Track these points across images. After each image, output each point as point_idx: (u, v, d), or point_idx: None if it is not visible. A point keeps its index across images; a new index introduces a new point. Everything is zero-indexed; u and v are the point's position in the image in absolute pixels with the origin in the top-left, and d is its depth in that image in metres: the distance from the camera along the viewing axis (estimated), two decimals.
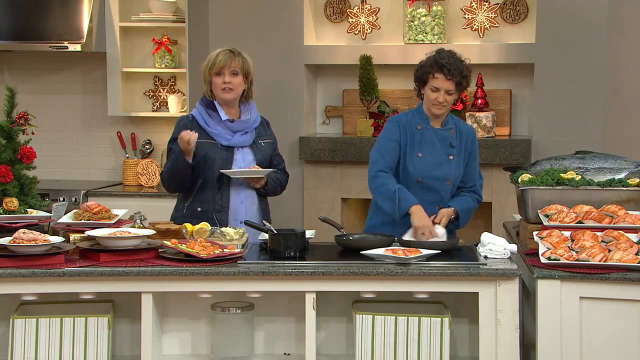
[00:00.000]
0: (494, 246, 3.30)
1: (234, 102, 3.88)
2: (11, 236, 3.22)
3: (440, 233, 3.54)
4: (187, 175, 3.78)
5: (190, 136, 3.69)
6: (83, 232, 3.39)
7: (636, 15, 5.16)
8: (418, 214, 3.56)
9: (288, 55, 5.37)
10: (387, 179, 3.68)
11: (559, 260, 3.16)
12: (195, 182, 3.82)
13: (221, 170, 3.79)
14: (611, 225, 3.40)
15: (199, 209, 3.80)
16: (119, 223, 3.52)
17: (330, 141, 5.27)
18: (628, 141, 5.04)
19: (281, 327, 3.38)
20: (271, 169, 3.90)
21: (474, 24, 5.24)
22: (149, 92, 5.67)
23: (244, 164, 3.85)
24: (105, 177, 5.69)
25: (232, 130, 3.84)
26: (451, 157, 3.74)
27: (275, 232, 3.34)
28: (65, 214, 3.63)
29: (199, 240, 3.34)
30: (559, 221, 3.42)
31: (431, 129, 3.75)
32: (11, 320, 3.16)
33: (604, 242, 3.31)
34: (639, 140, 5.09)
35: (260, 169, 3.84)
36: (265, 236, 3.42)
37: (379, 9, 5.36)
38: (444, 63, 3.62)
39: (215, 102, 3.86)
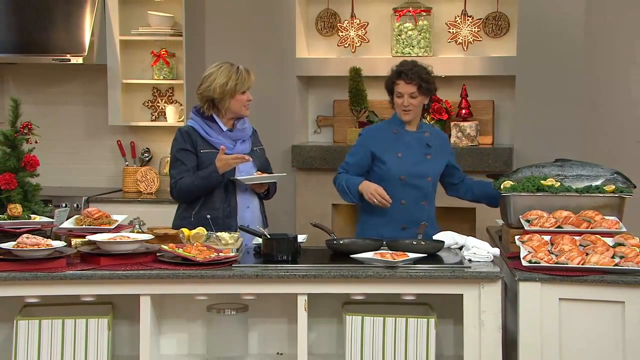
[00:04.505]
0: (478, 250, 3.35)
1: None
2: (15, 241, 3.25)
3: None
4: (214, 189, 3.83)
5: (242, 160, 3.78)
6: (84, 236, 3.41)
7: (611, 29, 5.16)
8: (363, 187, 3.80)
9: (281, 67, 5.36)
10: (339, 178, 3.91)
11: (539, 263, 3.20)
12: None
13: (237, 178, 3.83)
14: (589, 229, 3.43)
15: (208, 216, 3.78)
16: (118, 228, 3.55)
17: (321, 149, 5.27)
18: (605, 150, 5.01)
19: (274, 328, 3.41)
20: (283, 174, 4.03)
21: (458, 38, 5.23)
22: (147, 102, 5.67)
23: (245, 171, 3.91)
24: (105, 184, 5.66)
25: (232, 139, 3.90)
26: (429, 157, 3.92)
27: (269, 236, 3.37)
28: (67, 219, 3.64)
29: (195, 244, 3.36)
30: (540, 226, 3.44)
31: (406, 132, 3.93)
32: (15, 321, 3.20)
33: (582, 245, 3.33)
34: (614, 149, 5.07)
35: (275, 174, 3.96)
36: (260, 240, 3.44)
37: (368, 24, 5.36)
38: (403, 70, 3.86)
39: (214, 115, 3.90)
